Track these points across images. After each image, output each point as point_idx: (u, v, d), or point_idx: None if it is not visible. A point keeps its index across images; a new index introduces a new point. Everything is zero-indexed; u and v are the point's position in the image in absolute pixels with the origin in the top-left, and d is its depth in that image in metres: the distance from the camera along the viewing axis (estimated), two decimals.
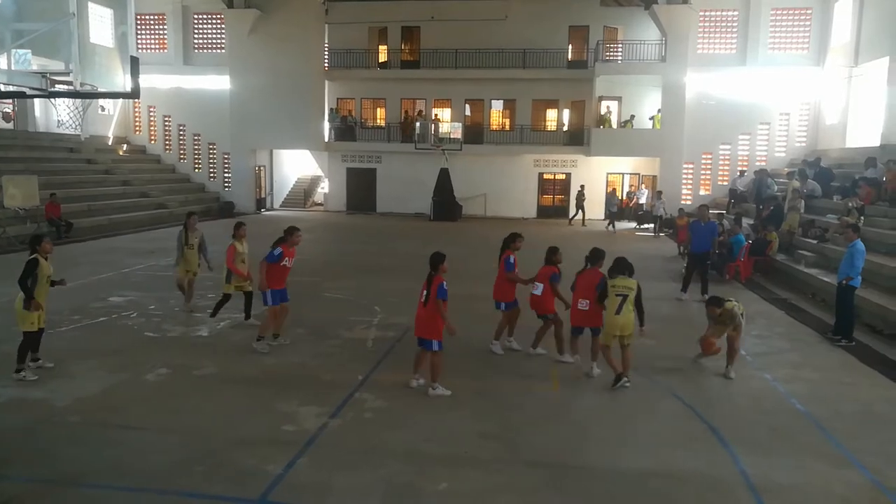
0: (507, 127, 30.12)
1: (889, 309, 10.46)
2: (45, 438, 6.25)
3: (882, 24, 20.75)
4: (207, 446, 6.14)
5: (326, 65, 30.02)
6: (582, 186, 28.08)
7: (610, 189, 28.33)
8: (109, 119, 30.34)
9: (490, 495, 5.40)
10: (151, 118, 31.67)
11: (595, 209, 29.24)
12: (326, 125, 30.12)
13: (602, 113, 28.19)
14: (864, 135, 21.67)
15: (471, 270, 15.08)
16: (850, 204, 14.83)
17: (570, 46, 29.28)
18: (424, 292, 7.28)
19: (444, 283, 7.26)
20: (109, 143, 29.68)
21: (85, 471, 5.62)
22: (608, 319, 7.81)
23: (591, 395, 7.73)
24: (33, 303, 7.61)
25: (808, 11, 25.70)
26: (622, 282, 7.83)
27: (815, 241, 15.02)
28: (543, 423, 6.86)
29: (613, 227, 25.40)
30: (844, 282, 9.90)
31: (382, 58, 30.58)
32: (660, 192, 25.37)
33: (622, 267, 7.94)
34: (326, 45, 30.00)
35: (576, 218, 27.55)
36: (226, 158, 30.99)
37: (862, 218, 14.10)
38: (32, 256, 7.97)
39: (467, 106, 30.29)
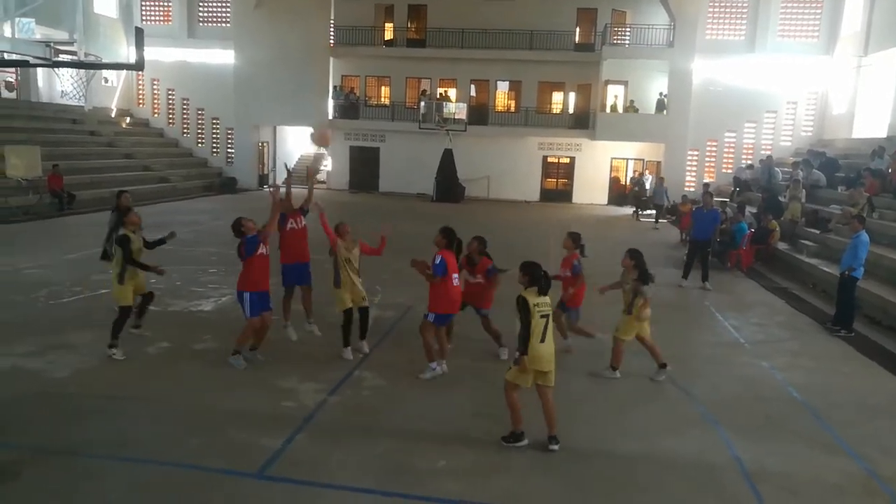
0: (513, 108, 29.94)
1: (890, 301, 10.46)
2: (43, 409, 6.29)
3: (893, 13, 20.53)
4: (206, 420, 6.18)
5: (332, 41, 29.78)
6: (640, 174, 26.47)
7: (658, 178, 25.18)
8: (113, 91, 30.17)
9: (483, 475, 5.45)
10: (155, 91, 31.49)
11: (598, 195, 29.22)
12: (331, 102, 29.93)
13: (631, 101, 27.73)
14: (872, 125, 21.55)
15: None
16: (865, 194, 14.61)
17: (577, 29, 29.01)
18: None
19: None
20: (112, 115, 29.54)
21: (82, 441, 5.66)
22: (533, 350, 5.72)
23: (587, 378, 7.74)
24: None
25: None
26: (541, 302, 5.79)
27: (818, 232, 14.98)
28: (538, 405, 6.88)
29: (657, 221, 22.83)
30: (847, 272, 9.89)
31: (388, 36, 30.32)
32: (662, 179, 24.26)
33: (535, 277, 5.82)
34: (332, 22, 29.75)
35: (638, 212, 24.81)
36: (229, 134, 30.86)
37: (867, 209, 14.02)
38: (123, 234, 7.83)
39: (472, 86, 30.07)
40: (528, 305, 5.69)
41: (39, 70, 24.32)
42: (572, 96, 29.69)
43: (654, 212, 23.46)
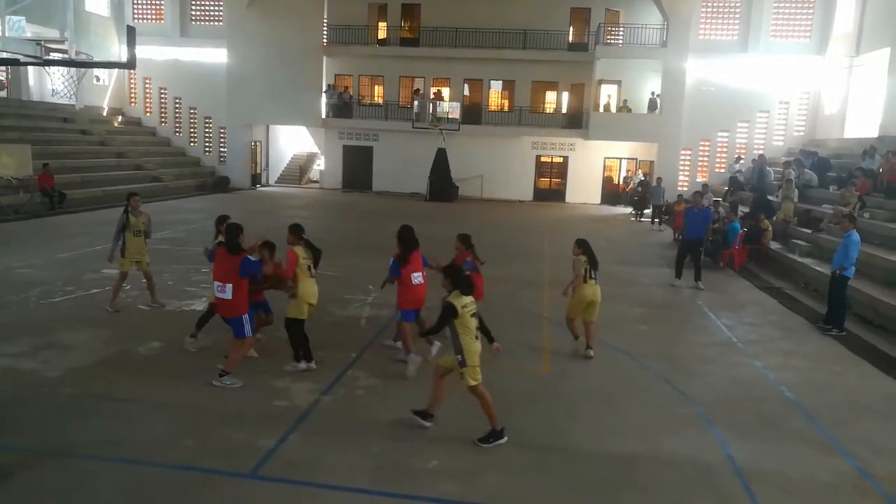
0: (506, 108, 29.95)
1: (881, 300, 10.52)
2: (36, 409, 6.25)
3: (885, 14, 20.66)
4: (200, 420, 6.15)
5: (325, 40, 29.72)
6: (646, 174, 25.64)
7: (657, 178, 24.16)
8: (104, 90, 30.01)
9: (479, 474, 5.44)
10: (147, 90, 31.33)
11: (591, 194, 29.27)
12: (324, 101, 29.88)
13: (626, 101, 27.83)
14: (863, 125, 21.67)
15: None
16: (857, 194, 14.64)
17: (570, 28, 29.05)
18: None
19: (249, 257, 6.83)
20: (104, 114, 29.40)
21: (76, 442, 5.63)
22: (471, 348, 5.90)
23: (581, 378, 7.77)
24: None
25: None
26: (469, 298, 5.99)
27: (810, 231, 15.05)
28: (533, 405, 6.90)
29: (654, 222, 22.51)
30: (838, 272, 9.94)
31: (382, 35, 30.28)
32: (660, 179, 23.75)
33: (463, 284, 5.99)
34: (325, 21, 29.68)
35: (641, 212, 24.06)
36: (221, 133, 30.77)
37: (859, 208, 14.09)
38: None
39: (466, 86, 30.07)
40: (456, 310, 5.83)
41: (30, 68, 24.18)
42: (566, 96, 29.73)
43: (648, 211, 23.44)
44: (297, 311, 7.34)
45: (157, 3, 30.31)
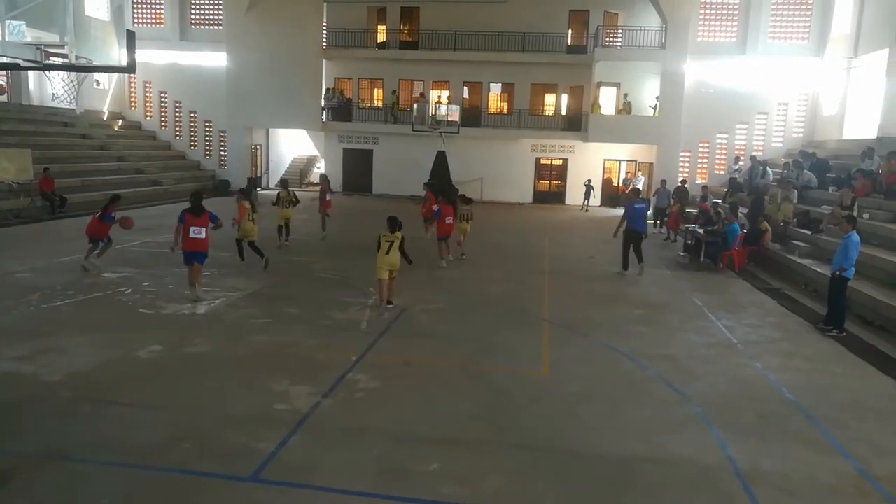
0: (505, 111, 29.97)
1: (880, 300, 10.52)
2: (35, 413, 6.25)
3: (883, 15, 20.67)
4: (199, 424, 6.15)
5: (324, 44, 29.76)
6: (683, 181, 23.86)
7: (660, 181, 23.52)
8: (104, 94, 30.06)
9: (479, 477, 5.44)
10: (147, 94, 31.36)
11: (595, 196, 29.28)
12: (323, 104, 29.90)
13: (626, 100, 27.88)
14: (862, 126, 21.67)
15: (470, 255, 15.10)
16: (851, 195, 14.64)
17: (569, 31, 29.08)
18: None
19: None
20: (104, 118, 29.43)
21: (74, 446, 5.62)
22: (379, 258, 10.01)
23: (580, 379, 7.77)
24: None
25: (810, 1, 25.59)
26: (389, 236, 10.15)
27: (809, 232, 15.05)
28: (532, 407, 6.90)
29: (657, 225, 21.99)
30: (838, 273, 9.94)
31: (381, 38, 30.32)
32: (664, 182, 23.10)
33: (392, 225, 10.23)
34: (324, 24, 29.73)
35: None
36: (222, 136, 30.80)
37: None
38: None
39: (465, 88, 30.10)
40: (379, 237, 10.11)
41: (30, 73, 24.18)
42: (565, 98, 29.75)
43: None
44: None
45: (157, 7, 30.36)
